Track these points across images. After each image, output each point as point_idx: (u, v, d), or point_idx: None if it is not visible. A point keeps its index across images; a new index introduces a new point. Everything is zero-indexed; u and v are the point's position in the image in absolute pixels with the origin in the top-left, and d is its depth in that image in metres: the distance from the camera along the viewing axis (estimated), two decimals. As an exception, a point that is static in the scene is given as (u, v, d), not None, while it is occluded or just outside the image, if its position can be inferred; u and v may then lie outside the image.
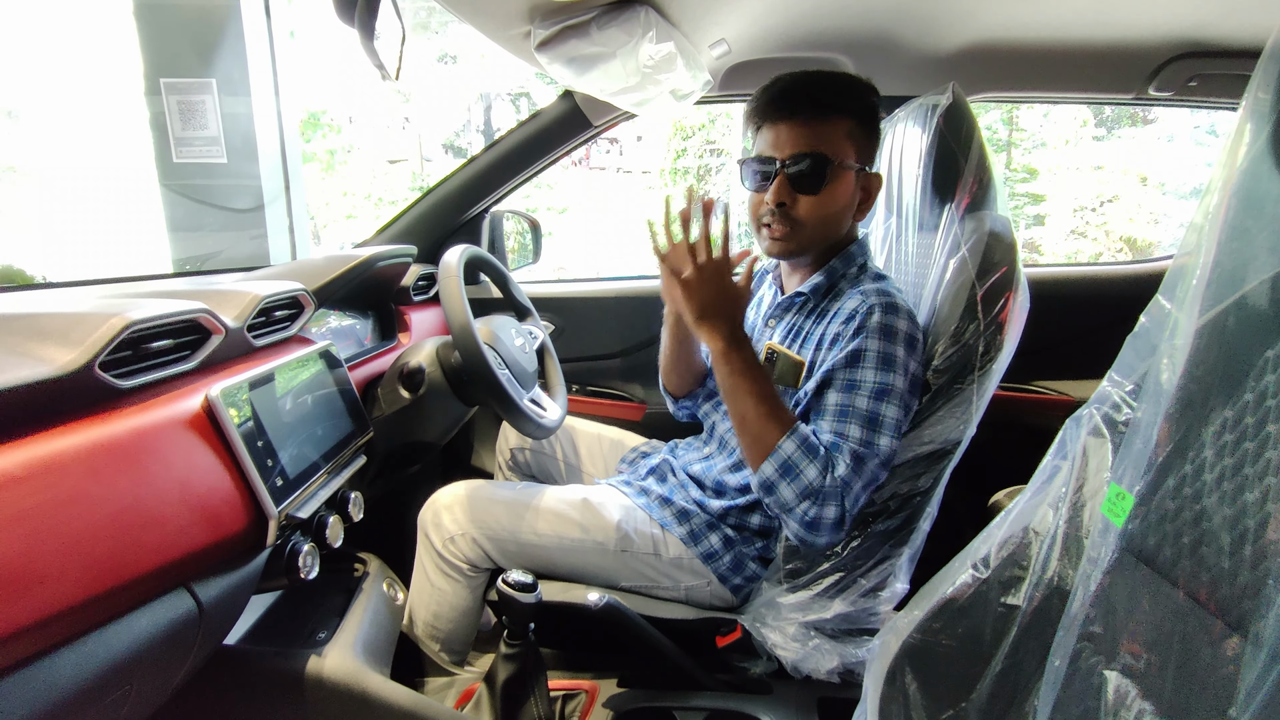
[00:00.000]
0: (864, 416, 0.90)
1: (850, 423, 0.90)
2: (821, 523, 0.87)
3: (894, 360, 0.91)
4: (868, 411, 0.90)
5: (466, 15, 0.95)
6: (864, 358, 0.91)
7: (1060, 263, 6.99)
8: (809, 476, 0.87)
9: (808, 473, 0.87)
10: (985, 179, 1.01)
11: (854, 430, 0.89)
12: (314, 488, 0.80)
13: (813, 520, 0.87)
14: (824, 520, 0.87)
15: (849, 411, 0.90)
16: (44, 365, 0.55)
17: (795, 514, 0.88)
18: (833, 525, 0.87)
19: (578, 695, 1.06)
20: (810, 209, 0.98)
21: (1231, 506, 0.49)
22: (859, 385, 0.91)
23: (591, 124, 1.47)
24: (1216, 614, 0.49)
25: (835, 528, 0.88)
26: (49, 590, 0.49)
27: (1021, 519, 0.68)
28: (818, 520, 0.87)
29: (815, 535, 0.88)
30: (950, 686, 0.67)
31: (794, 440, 0.88)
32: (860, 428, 0.89)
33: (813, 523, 0.87)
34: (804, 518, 0.87)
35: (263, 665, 0.85)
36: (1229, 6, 1.13)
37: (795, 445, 0.88)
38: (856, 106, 0.98)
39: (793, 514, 0.88)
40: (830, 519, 0.87)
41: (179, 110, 2.40)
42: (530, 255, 1.73)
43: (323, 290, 1.01)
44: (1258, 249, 0.49)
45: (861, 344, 0.92)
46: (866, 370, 0.91)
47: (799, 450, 0.88)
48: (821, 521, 0.87)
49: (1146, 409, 0.55)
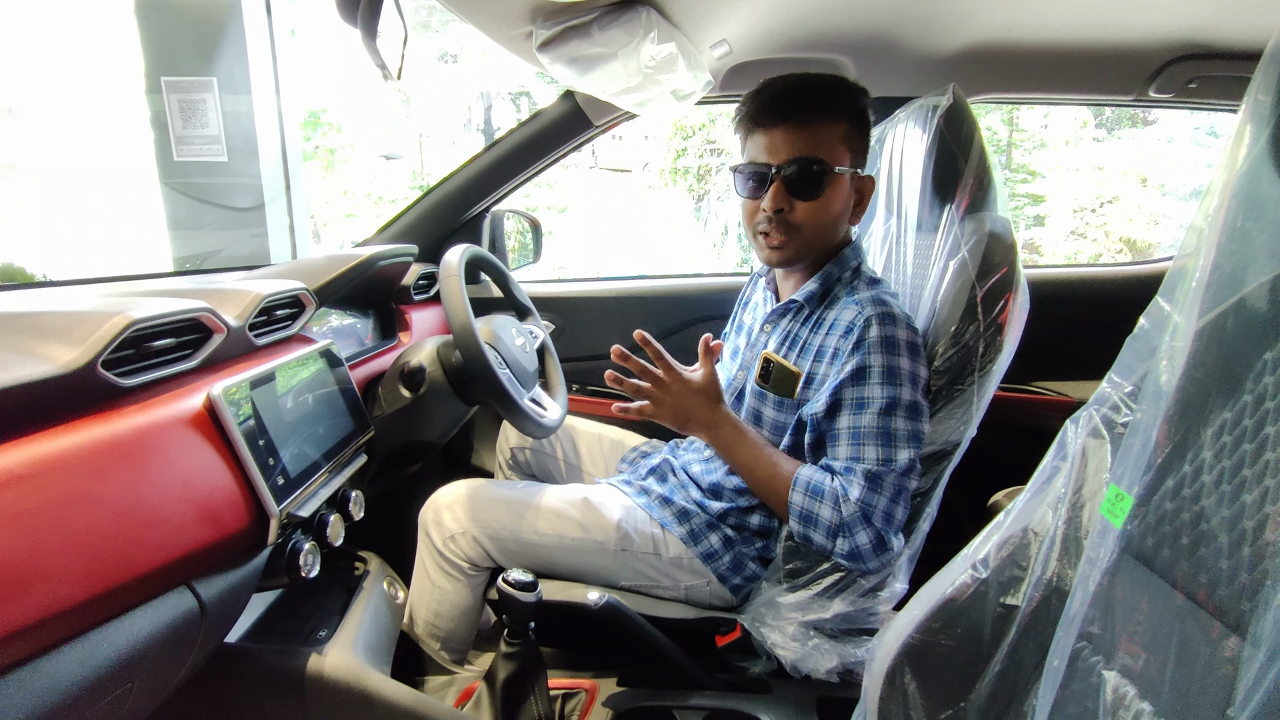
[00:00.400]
0: (876, 435, 0.90)
1: (864, 445, 0.91)
2: (860, 551, 0.89)
3: (898, 372, 0.91)
4: (879, 429, 0.90)
5: (468, 15, 0.96)
6: (868, 374, 0.91)
7: (1060, 264, 7.00)
8: (826, 516, 0.90)
9: (823, 513, 0.90)
10: (985, 180, 1.01)
11: (869, 451, 0.90)
12: (315, 486, 0.80)
13: (851, 551, 0.90)
14: (860, 548, 0.89)
15: (860, 433, 0.91)
16: (46, 364, 0.55)
17: (835, 552, 0.91)
18: (873, 549, 0.89)
19: (577, 694, 1.06)
20: (808, 214, 0.98)
21: (1230, 508, 0.49)
22: (867, 403, 0.91)
23: (593, 124, 1.47)
24: (1215, 615, 0.49)
25: (877, 550, 0.89)
26: (51, 588, 0.49)
27: (1021, 519, 0.68)
28: (855, 550, 0.89)
29: (862, 564, 0.91)
30: (949, 686, 0.67)
31: (798, 491, 0.93)
32: (875, 447, 0.90)
33: (852, 554, 0.90)
34: (843, 553, 0.90)
35: (263, 663, 0.85)
36: (1229, 9, 1.13)
37: (801, 495, 0.92)
38: (849, 109, 0.98)
39: (834, 554, 0.92)
40: (866, 544, 0.89)
41: (180, 108, 2.41)
42: (531, 255, 1.73)
43: (324, 289, 1.01)
44: (1257, 251, 0.49)
45: (864, 360, 0.92)
46: (873, 387, 0.91)
47: (806, 497, 0.92)
48: (859, 550, 0.89)
49: (1146, 410, 0.55)
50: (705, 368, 1.00)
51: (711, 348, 1.02)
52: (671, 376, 0.99)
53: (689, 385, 1.00)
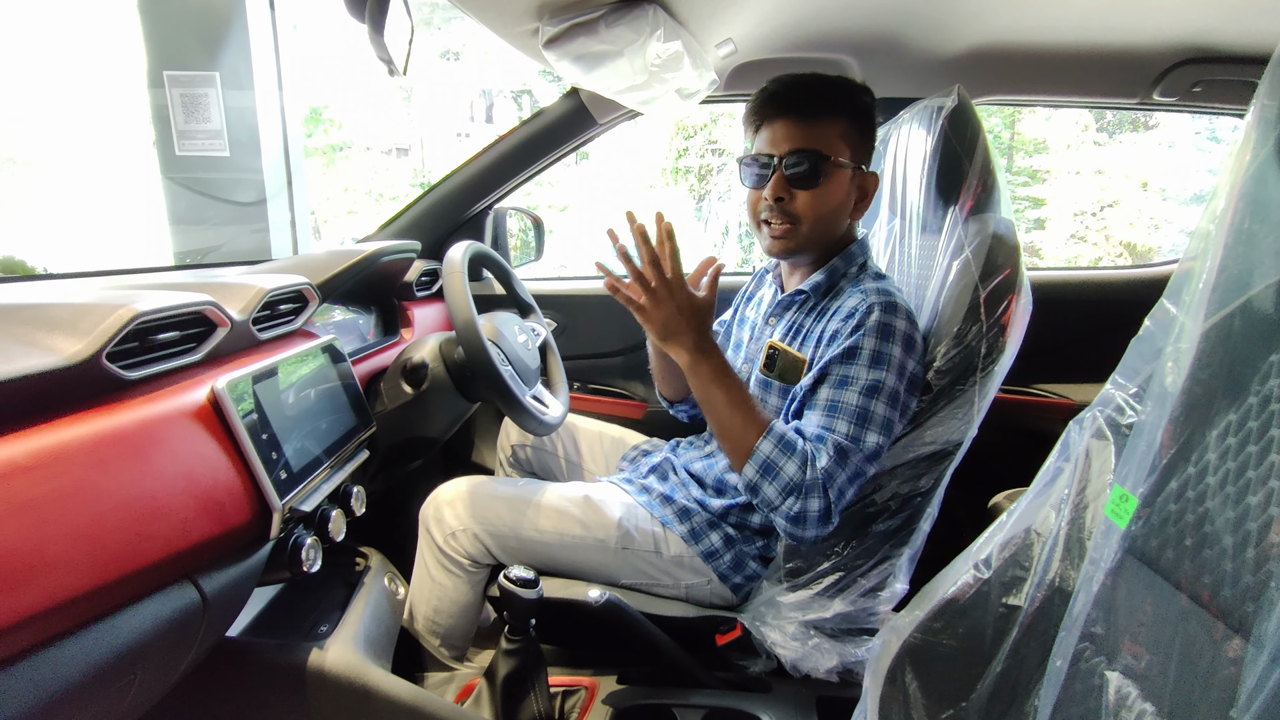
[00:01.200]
0: (852, 412, 0.91)
1: (838, 418, 0.91)
2: (806, 516, 0.88)
3: (888, 359, 0.92)
4: (857, 407, 0.91)
5: (475, 12, 0.95)
6: (858, 354, 0.92)
7: (1062, 266, 7.01)
8: (789, 473, 0.89)
9: (787, 469, 0.89)
10: (989, 182, 1.01)
11: (841, 425, 0.91)
12: (317, 481, 0.80)
13: (798, 514, 0.88)
14: (809, 513, 0.88)
15: (838, 406, 0.92)
16: (52, 355, 0.55)
17: (780, 510, 0.89)
18: (818, 518, 0.88)
19: (577, 692, 1.06)
20: (807, 204, 0.99)
21: (1235, 509, 0.49)
22: (851, 381, 0.92)
23: (596, 122, 1.47)
24: (1218, 616, 0.49)
25: (821, 520, 0.89)
26: (55, 579, 0.49)
27: (1024, 520, 0.68)
28: (803, 514, 0.88)
29: (801, 529, 0.89)
30: (951, 686, 0.67)
31: (770, 440, 0.90)
32: (848, 423, 0.91)
33: (798, 517, 0.88)
34: (789, 513, 0.89)
35: (264, 658, 0.85)
36: (1234, 13, 1.13)
37: (772, 445, 0.90)
38: (850, 107, 1.00)
39: (778, 510, 0.90)
40: (815, 511, 0.88)
41: (182, 103, 2.40)
42: (533, 252, 1.73)
43: (327, 284, 1.01)
44: (1264, 254, 0.49)
45: (857, 341, 0.93)
46: (859, 367, 0.92)
47: (776, 449, 0.90)
48: (806, 515, 0.88)
49: (1151, 412, 0.55)
50: (709, 292, 0.95)
51: (718, 269, 0.98)
52: (664, 287, 0.92)
53: (692, 300, 0.93)
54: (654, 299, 0.92)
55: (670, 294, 0.92)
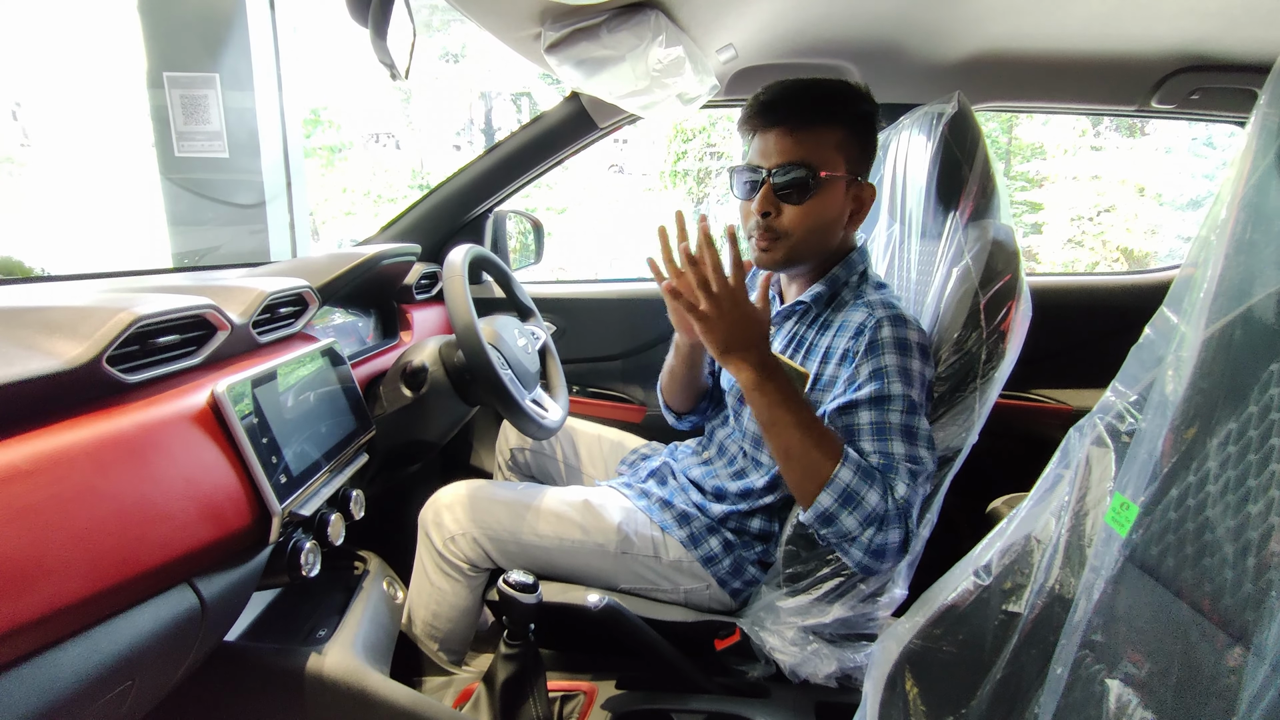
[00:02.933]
0: (901, 432, 0.87)
1: (892, 440, 0.87)
2: (887, 549, 0.84)
3: (912, 374, 0.90)
4: (902, 426, 0.87)
5: (477, 17, 0.96)
6: (887, 374, 0.89)
7: (1061, 272, 7.03)
8: (871, 502, 0.83)
9: (869, 499, 0.83)
10: (989, 188, 1.01)
11: (898, 448, 0.87)
12: (316, 485, 0.80)
13: (879, 547, 0.83)
14: (889, 545, 0.83)
15: (886, 429, 0.87)
16: (52, 359, 0.55)
17: (859, 542, 0.84)
18: (897, 549, 0.84)
19: (576, 696, 1.06)
20: (795, 220, 0.96)
21: (1235, 518, 0.49)
22: (889, 401, 0.88)
23: (597, 126, 1.47)
24: (1219, 625, 0.49)
25: (899, 551, 0.84)
26: (55, 584, 0.48)
27: (1024, 527, 0.68)
28: (883, 547, 0.83)
29: (881, 562, 0.85)
30: (950, 693, 0.67)
31: (849, 467, 0.83)
32: (903, 444, 0.87)
33: (879, 550, 0.84)
34: (869, 545, 0.83)
35: (263, 662, 0.85)
36: (1233, 21, 1.14)
37: (852, 472, 0.83)
38: (848, 116, 0.96)
39: (856, 543, 0.84)
40: (895, 543, 0.84)
41: (182, 104, 2.40)
42: (532, 255, 1.73)
43: (327, 287, 1.01)
44: (1265, 263, 0.49)
45: (880, 361, 0.90)
46: (893, 385, 0.89)
47: (857, 477, 0.83)
48: (887, 548, 0.84)
49: (1151, 419, 0.55)
50: (763, 304, 0.89)
51: (768, 279, 0.92)
52: (730, 294, 0.85)
53: (749, 311, 0.86)
54: (718, 308, 0.85)
55: (735, 302, 0.85)
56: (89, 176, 3.18)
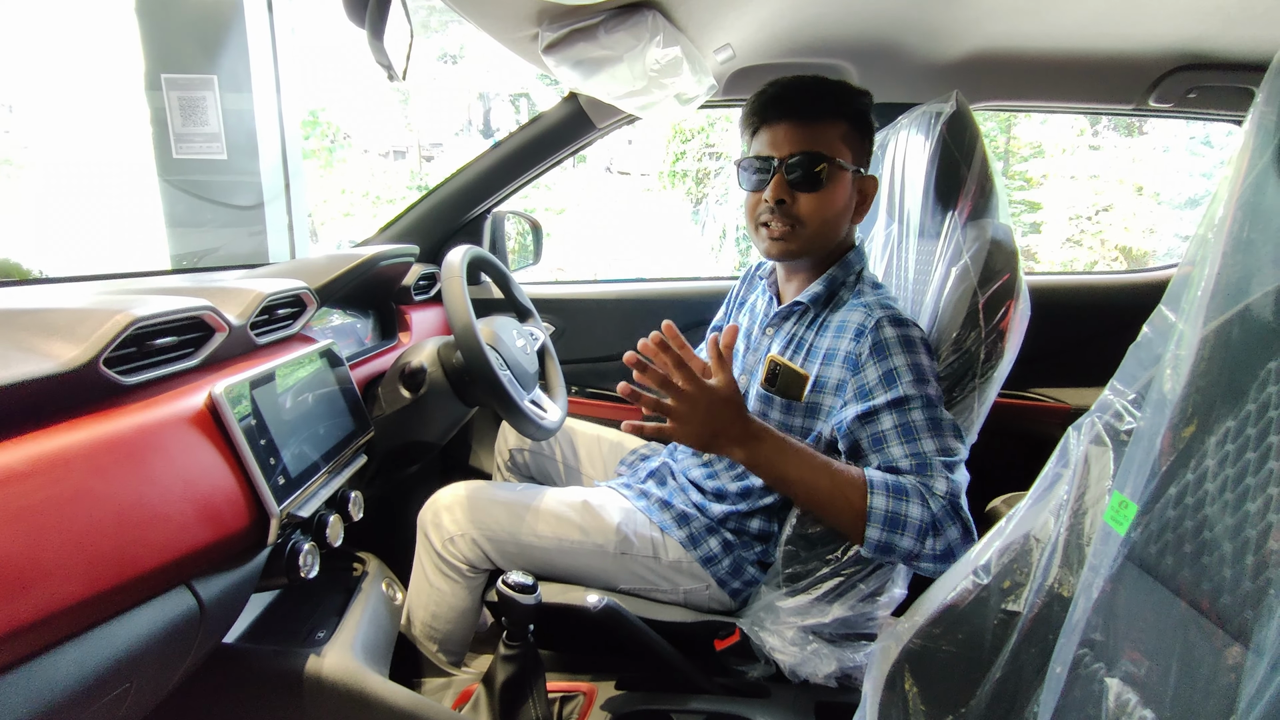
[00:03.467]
0: (927, 428, 0.87)
1: (920, 439, 0.86)
2: (952, 549, 0.82)
3: (924, 369, 0.90)
4: (927, 421, 0.87)
5: (475, 18, 0.96)
6: (899, 374, 0.89)
7: (1059, 271, 7.03)
8: (915, 515, 0.82)
9: (912, 513, 0.82)
10: (987, 187, 1.02)
11: (927, 444, 0.86)
12: (315, 486, 0.80)
13: (944, 551, 0.83)
14: (953, 545, 0.82)
15: (912, 428, 0.87)
16: (49, 361, 0.55)
17: (925, 555, 0.83)
18: (961, 542, 0.83)
19: (576, 697, 1.06)
20: (810, 207, 0.98)
21: (1233, 516, 0.49)
22: (908, 402, 0.88)
23: (595, 126, 1.47)
24: (1218, 623, 0.49)
25: (964, 542, 0.83)
26: (52, 587, 0.48)
27: (1023, 526, 0.68)
28: (948, 549, 0.83)
29: (949, 563, 0.82)
30: (950, 692, 0.67)
31: (879, 494, 0.83)
32: (932, 439, 0.86)
33: (944, 554, 0.83)
34: (934, 553, 0.83)
35: (261, 664, 0.85)
36: (1229, 20, 1.14)
37: (884, 497, 0.83)
38: (850, 110, 0.99)
39: (922, 557, 0.83)
40: (957, 538, 0.83)
41: (180, 106, 2.40)
42: (531, 256, 1.73)
43: (325, 289, 1.00)
44: (1262, 261, 0.49)
45: (890, 363, 0.90)
46: (907, 385, 0.88)
47: (890, 498, 0.83)
48: (952, 548, 0.82)
49: (1150, 418, 0.55)
50: (723, 374, 0.86)
51: (717, 342, 0.88)
52: (697, 387, 0.83)
53: (715, 395, 0.84)
54: (681, 414, 0.84)
55: (696, 400, 0.84)
56: (87, 178, 3.18)
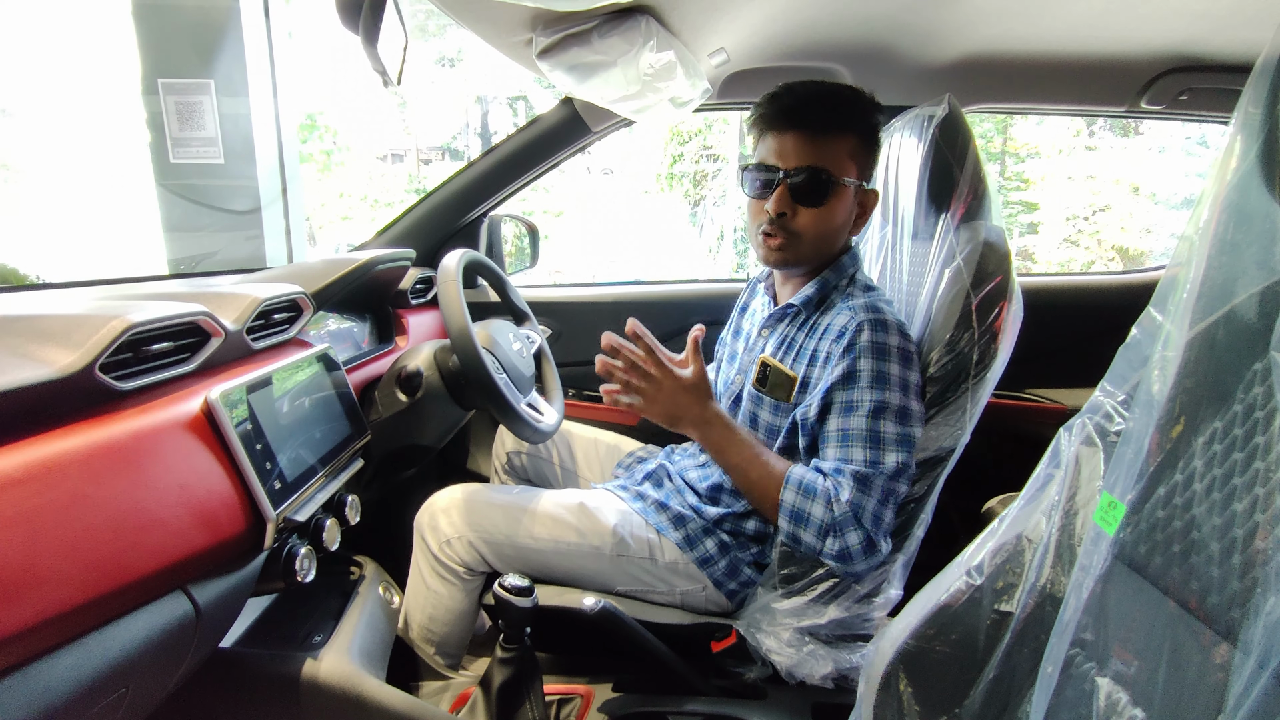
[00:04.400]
0: (864, 437, 0.91)
1: (852, 446, 0.92)
2: (850, 552, 0.89)
3: (887, 377, 0.92)
4: (867, 431, 0.91)
5: (469, 23, 0.96)
6: (858, 378, 0.93)
7: (1053, 272, 7.05)
8: (818, 515, 0.90)
9: (815, 512, 0.90)
10: (980, 189, 1.02)
11: (856, 453, 0.91)
12: (311, 490, 0.80)
13: (841, 552, 0.89)
14: (850, 549, 0.89)
15: (849, 436, 0.92)
16: (44, 367, 0.55)
17: (824, 553, 0.91)
18: (862, 551, 0.89)
19: (573, 700, 1.06)
20: (810, 222, 0.99)
21: (1221, 516, 0.50)
22: (856, 406, 0.92)
23: (591, 130, 1.47)
24: (1206, 622, 0.50)
25: (867, 552, 0.89)
26: (48, 593, 0.49)
27: (1015, 526, 0.69)
28: (845, 551, 0.89)
29: (851, 565, 0.91)
30: (944, 692, 0.68)
31: (790, 489, 0.93)
32: (863, 449, 0.91)
33: (841, 554, 0.90)
34: (832, 553, 0.90)
35: (258, 668, 0.85)
36: (1220, 22, 1.15)
37: (794, 493, 0.92)
38: (861, 125, 0.99)
39: (822, 553, 0.91)
40: (857, 545, 0.89)
41: (176, 110, 2.40)
42: (528, 259, 1.73)
43: (321, 293, 1.01)
44: (1247, 263, 0.50)
45: (853, 365, 0.93)
46: (861, 390, 0.92)
47: (798, 496, 0.92)
48: (849, 551, 0.89)
49: (1138, 419, 0.56)
50: (694, 364, 1.00)
51: (695, 339, 1.01)
52: (663, 373, 0.98)
53: (680, 382, 0.99)
54: (648, 394, 0.98)
55: (660, 383, 0.98)
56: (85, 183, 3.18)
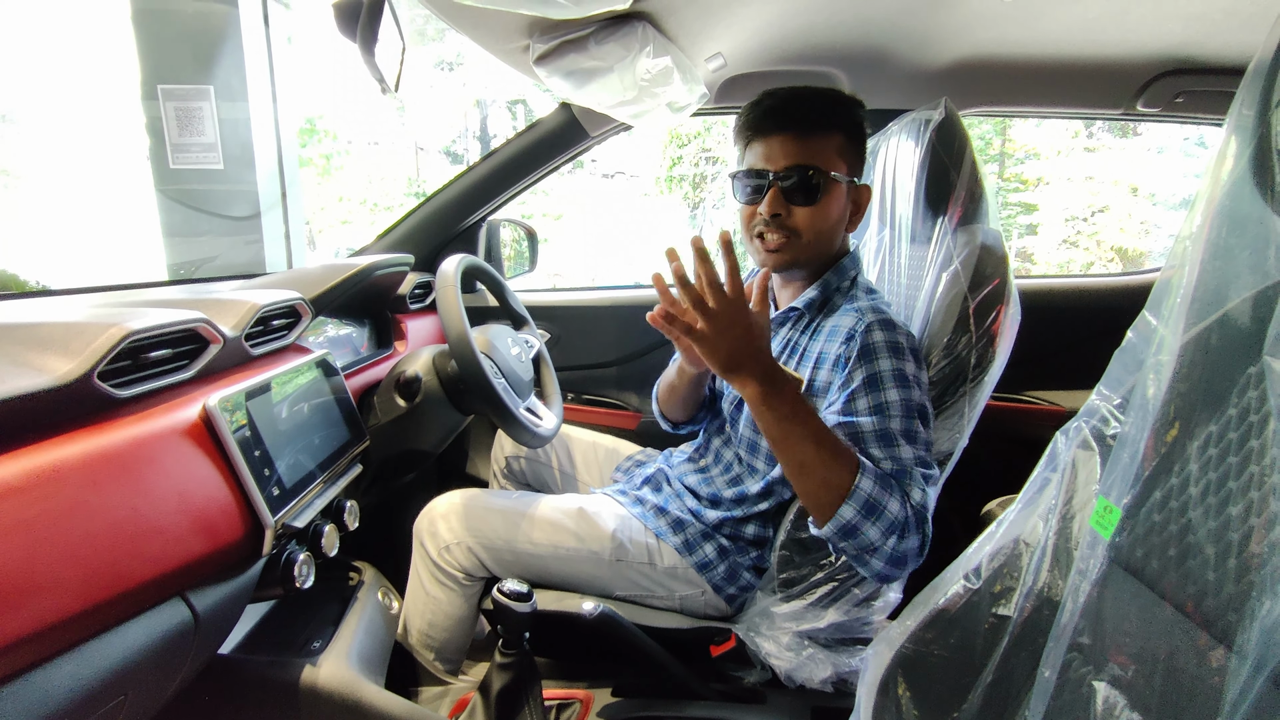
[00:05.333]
0: (905, 436, 0.87)
1: (899, 445, 0.86)
2: (907, 556, 0.82)
3: (908, 377, 0.90)
4: (905, 431, 0.87)
5: (466, 29, 0.97)
6: (882, 379, 0.89)
7: (1051, 274, 7.05)
8: (893, 511, 0.81)
9: (891, 507, 0.81)
10: (977, 193, 1.02)
11: (905, 452, 0.86)
12: (310, 497, 0.80)
13: (900, 555, 0.82)
14: (909, 552, 0.82)
15: (890, 435, 0.87)
16: (43, 375, 0.55)
17: (882, 552, 0.81)
18: (915, 555, 0.83)
19: (572, 705, 1.06)
20: (806, 219, 0.98)
21: (1216, 520, 0.50)
22: (888, 407, 0.88)
23: (589, 134, 1.48)
24: (1202, 626, 0.50)
25: (916, 557, 0.84)
26: (47, 600, 0.49)
27: (1012, 530, 0.69)
28: (904, 554, 0.82)
29: (901, 570, 0.84)
30: (942, 697, 0.68)
31: (870, 477, 0.81)
32: (909, 448, 0.86)
33: (900, 558, 0.82)
34: (891, 554, 0.82)
35: (257, 675, 0.85)
36: (1215, 25, 1.15)
37: (873, 482, 0.81)
38: (846, 122, 0.99)
39: (878, 553, 0.82)
40: (914, 548, 0.83)
41: (176, 116, 2.41)
42: (527, 263, 1.73)
43: (320, 299, 1.01)
44: (1240, 267, 0.50)
45: (874, 366, 0.90)
46: (889, 391, 0.89)
47: (878, 486, 0.81)
48: (907, 555, 0.82)
49: (1133, 423, 0.56)
50: (761, 306, 0.84)
51: (764, 278, 0.86)
52: (733, 306, 0.79)
53: (752, 318, 0.80)
54: (716, 325, 0.79)
55: (734, 316, 0.79)
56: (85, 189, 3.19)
